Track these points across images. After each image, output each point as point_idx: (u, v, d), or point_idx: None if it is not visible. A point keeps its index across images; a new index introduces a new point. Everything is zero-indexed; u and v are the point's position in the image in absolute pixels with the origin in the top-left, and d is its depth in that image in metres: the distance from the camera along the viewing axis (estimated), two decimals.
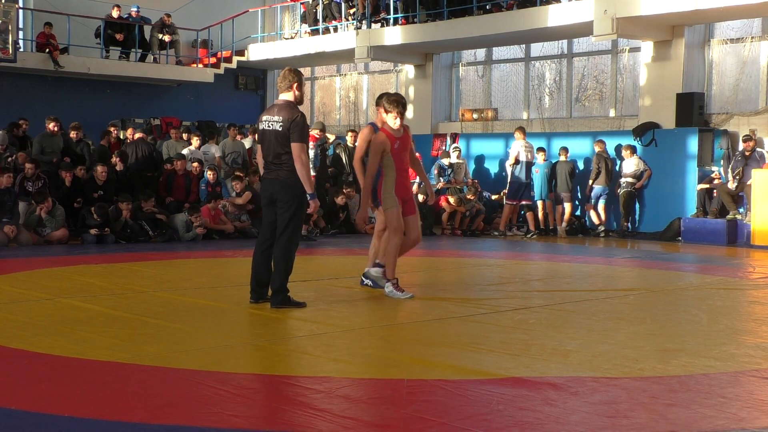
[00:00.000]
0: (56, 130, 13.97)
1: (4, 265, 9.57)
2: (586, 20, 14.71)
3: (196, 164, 14.53)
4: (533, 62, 18.09)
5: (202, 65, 20.66)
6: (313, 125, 16.30)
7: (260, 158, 7.13)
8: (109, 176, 13.49)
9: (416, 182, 15.10)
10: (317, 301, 7.21)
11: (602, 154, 15.32)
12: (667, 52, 15.30)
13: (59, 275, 8.89)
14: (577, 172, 15.66)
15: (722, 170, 14.43)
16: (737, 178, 13.83)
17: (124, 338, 5.59)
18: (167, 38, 19.43)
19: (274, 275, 6.87)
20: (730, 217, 13.96)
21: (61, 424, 3.79)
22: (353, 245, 12.60)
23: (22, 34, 18.28)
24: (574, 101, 17.48)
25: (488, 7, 16.64)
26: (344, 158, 15.43)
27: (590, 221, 15.68)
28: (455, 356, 5.26)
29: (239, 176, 14.12)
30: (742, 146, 13.98)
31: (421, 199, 14.88)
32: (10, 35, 16.67)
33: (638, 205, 15.41)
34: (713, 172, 14.75)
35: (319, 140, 15.29)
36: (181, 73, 20.19)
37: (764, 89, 14.80)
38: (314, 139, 15.43)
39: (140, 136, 15.02)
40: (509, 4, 16.38)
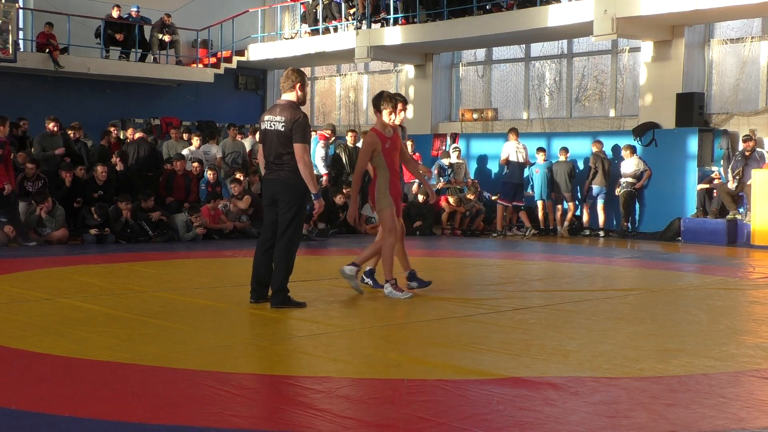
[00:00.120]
0: (56, 130, 13.97)
1: (4, 265, 9.57)
2: (586, 20, 14.72)
3: (196, 164, 14.54)
4: (533, 62, 18.09)
5: (202, 65, 20.67)
6: (324, 126, 16.37)
7: (261, 158, 7.12)
8: (109, 176, 13.49)
9: (416, 182, 15.13)
10: (317, 301, 7.21)
11: (599, 154, 15.33)
12: (667, 52, 15.30)
13: (59, 275, 8.89)
14: (576, 172, 15.66)
15: (722, 170, 14.43)
16: (737, 178, 13.83)
17: (124, 338, 5.59)
18: (167, 38, 19.45)
19: (274, 275, 6.87)
20: (730, 217, 13.96)
21: (61, 424, 3.79)
22: (353, 245, 12.58)
23: (22, 34, 18.29)
24: (574, 101, 17.48)
25: (488, 7, 16.65)
26: (344, 158, 15.43)
27: (588, 221, 15.68)
28: (455, 356, 5.26)
29: (237, 179, 14.10)
30: (742, 146, 13.98)
31: (421, 199, 14.90)
32: (10, 35, 16.68)
33: (638, 205, 15.41)
34: (713, 172, 14.75)
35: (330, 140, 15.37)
36: (181, 73, 20.20)
37: (764, 89, 14.80)
38: (324, 138, 15.47)
39: (141, 135, 15.02)
40: (509, 4, 16.38)
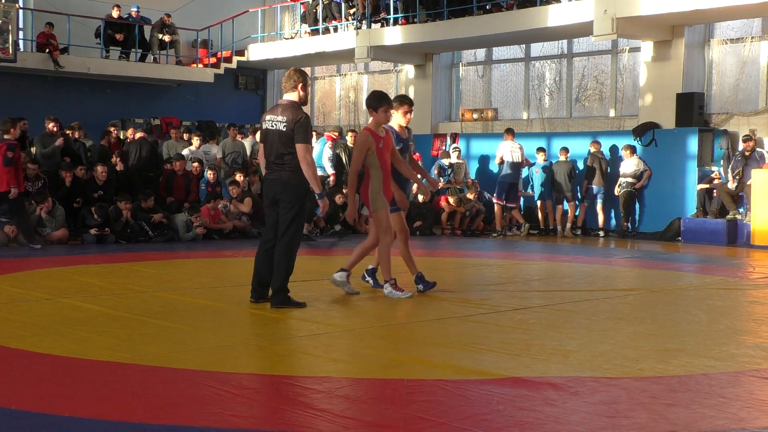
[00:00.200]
0: (55, 130, 13.96)
1: (4, 265, 9.57)
2: (586, 20, 14.71)
3: (196, 164, 14.53)
4: (533, 62, 18.09)
5: (202, 65, 20.66)
6: (332, 127, 16.38)
7: (262, 158, 7.11)
8: (109, 176, 13.49)
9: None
10: (317, 301, 7.21)
11: (597, 154, 15.33)
12: (667, 52, 15.30)
13: (59, 275, 8.89)
14: (576, 172, 15.65)
15: (722, 170, 14.43)
16: (737, 178, 13.83)
17: (124, 338, 5.59)
18: (167, 38, 19.44)
19: (274, 275, 6.86)
20: (730, 217, 13.96)
21: (61, 424, 3.79)
22: (353, 245, 12.56)
23: (22, 34, 18.29)
24: (574, 101, 17.48)
25: (488, 7, 16.64)
26: (344, 158, 15.43)
27: (581, 220, 15.70)
28: (455, 356, 5.26)
29: (236, 181, 14.08)
30: (742, 146, 13.98)
31: (421, 199, 14.90)
32: (10, 35, 16.68)
33: (638, 205, 15.40)
34: (713, 172, 14.75)
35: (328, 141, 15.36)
36: (181, 73, 20.20)
37: (764, 89, 14.79)
38: (332, 139, 15.49)
39: (142, 135, 15.01)
40: (509, 4, 16.38)
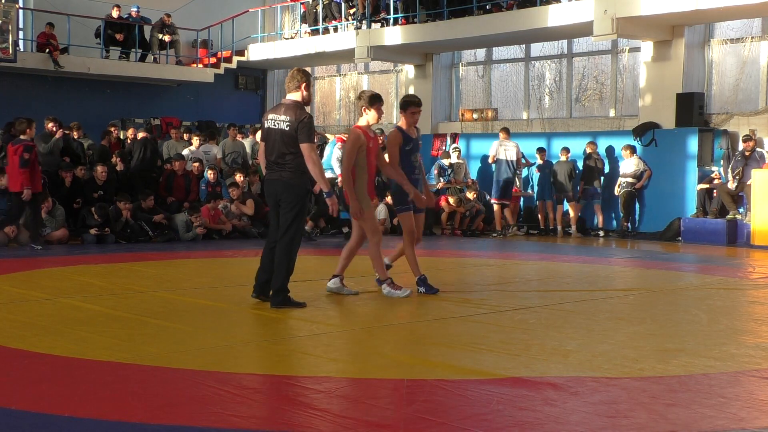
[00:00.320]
0: (55, 130, 13.96)
1: (4, 265, 9.57)
2: (586, 20, 14.71)
3: (196, 164, 14.53)
4: (533, 62, 18.09)
5: (202, 65, 20.67)
6: (343, 129, 16.36)
7: (262, 157, 7.09)
8: (109, 176, 13.50)
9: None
10: (317, 301, 7.21)
11: (593, 155, 15.34)
12: (667, 52, 15.30)
13: (59, 275, 8.89)
14: (576, 172, 15.65)
15: (722, 170, 14.43)
16: (737, 178, 13.82)
17: (124, 338, 5.59)
18: (167, 38, 19.44)
19: (275, 275, 6.87)
20: (730, 217, 13.95)
21: (61, 424, 3.79)
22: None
23: (22, 34, 18.29)
24: (574, 101, 17.48)
25: (488, 7, 16.64)
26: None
27: (575, 220, 15.71)
28: (455, 356, 5.26)
29: (236, 183, 14.07)
30: (742, 146, 13.98)
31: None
32: (10, 35, 16.68)
33: (638, 205, 15.40)
34: (713, 172, 14.75)
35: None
36: (181, 73, 20.20)
37: (764, 89, 14.79)
38: (342, 141, 15.48)
39: (144, 135, 15.00)
40: (509, 4, 16.38)
